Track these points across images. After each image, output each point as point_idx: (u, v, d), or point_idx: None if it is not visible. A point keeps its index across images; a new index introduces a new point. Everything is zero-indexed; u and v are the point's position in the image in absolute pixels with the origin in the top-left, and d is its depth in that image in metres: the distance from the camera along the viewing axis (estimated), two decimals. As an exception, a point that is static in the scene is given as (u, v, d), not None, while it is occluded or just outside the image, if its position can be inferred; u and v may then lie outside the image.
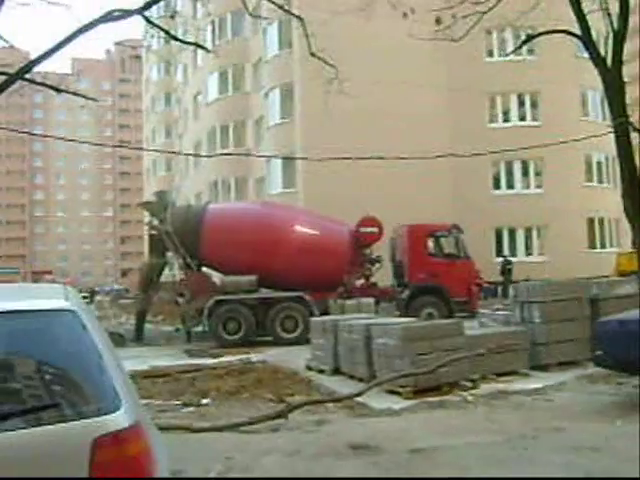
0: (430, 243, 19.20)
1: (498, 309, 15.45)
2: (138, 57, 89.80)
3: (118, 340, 4.17)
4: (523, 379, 11.02)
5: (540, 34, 13.63)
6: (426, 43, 29.42)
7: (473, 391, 10.11)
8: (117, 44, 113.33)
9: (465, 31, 14.34)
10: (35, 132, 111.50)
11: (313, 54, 11.90)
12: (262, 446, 6.59)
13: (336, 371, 12.18)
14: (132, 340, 19.21)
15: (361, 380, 11.30)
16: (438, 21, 12.56)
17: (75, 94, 8.25)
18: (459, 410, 8.31)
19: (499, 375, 11.06)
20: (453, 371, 10.10)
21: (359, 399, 9.37)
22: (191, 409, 8.69)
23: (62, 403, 2.61)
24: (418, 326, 10.71)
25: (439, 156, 21.32)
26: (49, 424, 2.54)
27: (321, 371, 12.46)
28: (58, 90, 8.03)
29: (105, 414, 2.59)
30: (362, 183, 28.53)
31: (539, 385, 10.14)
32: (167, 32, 11.52)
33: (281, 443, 6.65)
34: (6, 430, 2.49)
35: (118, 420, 2.59)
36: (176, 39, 12.37)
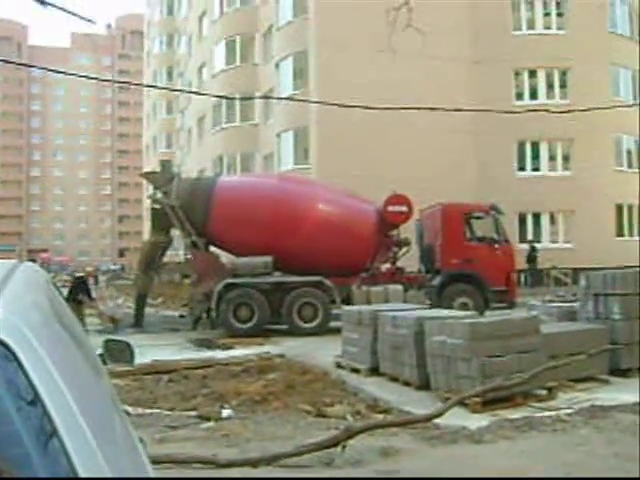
0: (466, 225, 17.14)
1: (551, 300, 13.55)
2: (139, 32, 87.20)
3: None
4: (605, 387, 9.19)
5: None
6: (452, 16, 27.84)
7: (552, 403, 8.27)
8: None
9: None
10: (33, 109, 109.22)
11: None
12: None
13: (374, 371, 10.31)
14: (131, 326, 17.34)
15: (407, 384, 9.44)
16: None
17: (64, 10, 6.31)
18: (558, 435, 6.37)
19: (574, 381, 9.23)
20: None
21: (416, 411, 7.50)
22: (210, 424, 6.74)
23: None
24: (487, 322, 8.78)
25: (459, 110, 19.06)
26: None
27: (355, 370, 10.59)
28: (43, 3, 6.08)
29: None
30: (382, 161, 26.58)
31: (636, 398, 8.21)
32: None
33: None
34: None
35: None
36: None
